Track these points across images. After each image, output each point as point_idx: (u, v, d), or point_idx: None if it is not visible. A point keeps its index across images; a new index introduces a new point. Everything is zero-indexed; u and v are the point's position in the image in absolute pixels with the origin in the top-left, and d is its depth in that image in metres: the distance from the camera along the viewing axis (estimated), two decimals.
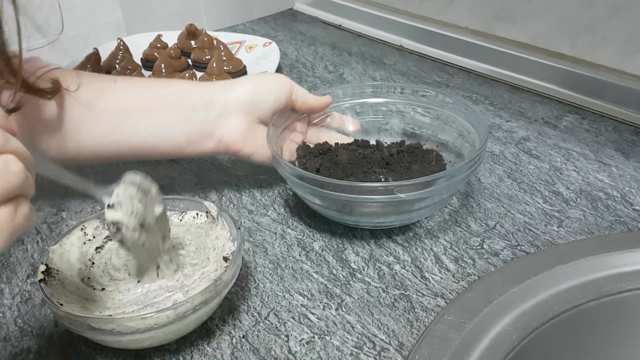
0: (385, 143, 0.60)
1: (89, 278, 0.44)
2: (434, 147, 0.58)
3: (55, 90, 0.51)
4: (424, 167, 0.55)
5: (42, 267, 0.42)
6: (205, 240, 0.47)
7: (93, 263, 0.45)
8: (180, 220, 0.50)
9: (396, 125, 0.62)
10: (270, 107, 0.55)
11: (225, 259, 0.45)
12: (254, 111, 0.55)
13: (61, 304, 0.40)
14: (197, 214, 0.50)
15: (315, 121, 0.61)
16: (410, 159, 0.56)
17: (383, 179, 0.54)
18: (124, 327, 0.37)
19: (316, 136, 0.60)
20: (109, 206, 0.40)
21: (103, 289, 0.43)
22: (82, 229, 0.47)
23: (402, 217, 0.51)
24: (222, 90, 0.55)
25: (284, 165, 0.49)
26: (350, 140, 0.60)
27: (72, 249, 0.46)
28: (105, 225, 0.40)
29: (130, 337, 0.38)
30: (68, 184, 0.39)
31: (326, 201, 0.49)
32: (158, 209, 0.43)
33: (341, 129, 0.61)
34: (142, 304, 0.41)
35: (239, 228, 0.45)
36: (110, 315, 0.40)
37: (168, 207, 0.50)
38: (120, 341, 0.39)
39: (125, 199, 0.40)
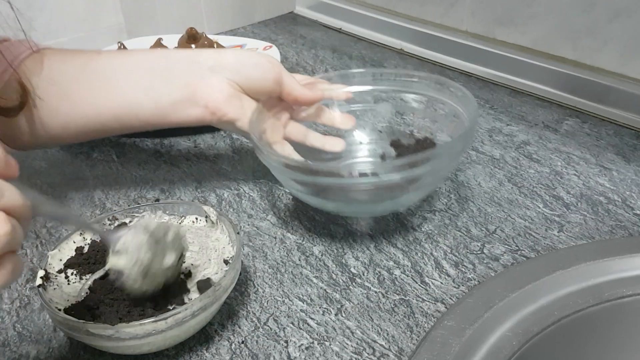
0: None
1: None
2: (427, 134, 0.57)
3: (21, 107, 0.50)
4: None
5: (41, 272, 0.42)
6: (207, 241, 0.47)
7: None
8: (180, 224, 0.50)
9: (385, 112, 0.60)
10: (256, 82, 0.54)
11: (226, 262, 0.45)
12: (239, 80, 0.54)
13: (60, 310, 0.40)
14: (197, 218, 0.50)
15: (304, 114, 0.57)
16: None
17: None
18: (122, 332, 0.37)
19: (296, 133, 0.57)
20: (113, 252, 0.39)
21: None
22: (80, 233, 0.47)
23: (388, 205, 0.50)
24: (208, 54, 0.55)
25: (265, 153, 0.48)
26: (338, 143, 0.57)
27: (71, 254, 0.46)
28: (108, 270, 0.39)
29: (128, 343, 0.38)
30: (76, 225, 0.38)
31: (308, 187, 0.48)
32: (169, 259, 0.40)
33: (332, 126, 0.59)
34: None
35: (238, 233, 0.45)
36: None
37: (167, 212, 0.50)
38: (118, 347, 0.39)
39: (132, 246, 0.39)
